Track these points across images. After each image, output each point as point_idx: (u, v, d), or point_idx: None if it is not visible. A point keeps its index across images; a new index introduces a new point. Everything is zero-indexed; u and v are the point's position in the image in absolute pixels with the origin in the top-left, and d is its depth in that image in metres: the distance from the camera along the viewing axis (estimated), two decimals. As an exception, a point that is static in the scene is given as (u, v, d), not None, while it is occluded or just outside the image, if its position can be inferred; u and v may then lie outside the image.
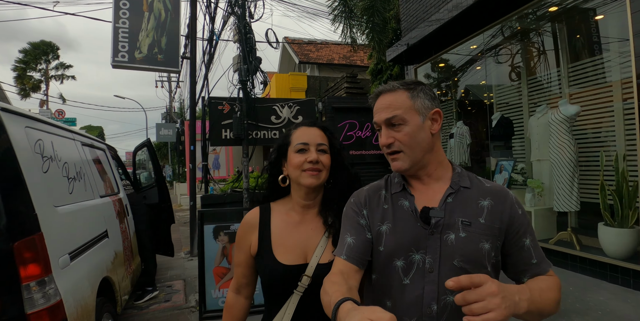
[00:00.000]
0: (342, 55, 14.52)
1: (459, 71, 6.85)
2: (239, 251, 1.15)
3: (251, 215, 1.16)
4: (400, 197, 0.95)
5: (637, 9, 3.29)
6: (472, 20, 5.04)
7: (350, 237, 0.92)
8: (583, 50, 5.22)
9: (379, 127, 0.95)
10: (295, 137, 1.11)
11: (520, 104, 5.76)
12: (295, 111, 6.09)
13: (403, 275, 0.87)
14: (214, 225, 3.26)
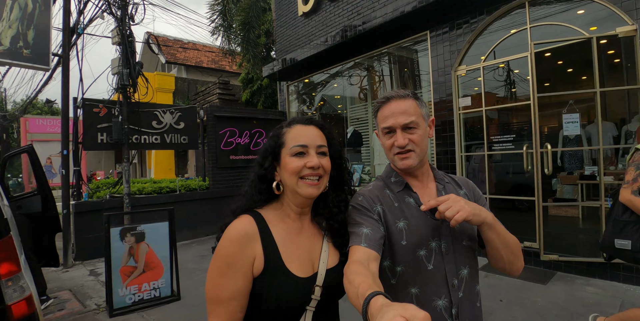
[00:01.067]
0: (211, 58, 14.57)
1: (322, 89, 8.25)
2: (234, 277, 0.86)
3: (245, 223, 0.92)
4: (405, 194, 1.06)
5: (435, 54, 5.00)
6: (335, 55, 6.36)
7: (365, 227, 0.95)
8: (409, 80, 7.23)
9: (391, 130, 1.03)
10: (290, 137, 0.95)
11: (367, 120, 7.46)
12: (177, 117, 6.32)
13: (427, 262, 0.98)
14: (120, 228, 3.49)
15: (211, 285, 0.88)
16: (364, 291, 0.68)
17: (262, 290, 0.89)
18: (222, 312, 0.87)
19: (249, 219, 0.93)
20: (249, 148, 7.08)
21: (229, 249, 0.88)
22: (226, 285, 0.86)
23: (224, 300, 0.86)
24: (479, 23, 4.48)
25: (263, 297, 0.88)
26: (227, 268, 0.87)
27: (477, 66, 4.58)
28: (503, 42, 4.40)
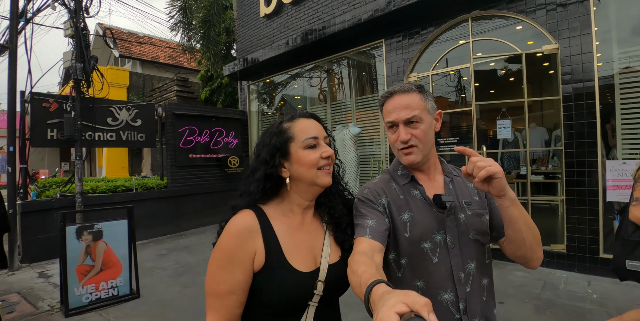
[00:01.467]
0: (168, 54, 14.14)
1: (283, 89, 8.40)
2: (234, 271, 0.87)
3: (247, 219, 0.92)
4: (411, 187, 1.06)
5: (389, 61, 5.36)
6: (296, 57, 6.54)
7: (370, 220, 0.95)
8: (366, 83, 7.58)
9: (394, 124, 1.03)
10: (299, 131, 0.95)
11: (326, 121, 7.73)
12: (134, 114, 6.18)
13: (432, 254, 0.97)
14: (76, 226, 3.44)
15: (210, 279, 0.89)
16: (366, 280, 0.68)
17: (263, 284, 0.88)
18: (220, 306, 0.87)
19: (250, 214, 0.93)
20: (209, 147, 7.07)
21: (229, 243, 0.88)
22: (225, 279, 0.86)
23: (223, 294, 0.87)
24: (429, 34, 4.88)
25: (264, 292, 0.88)
26: (226, 262, 0.87)
27: (427, 74, 4.99)
28: (452, 51, 4.83)
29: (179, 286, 3.82)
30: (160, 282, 3.98)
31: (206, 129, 7.02)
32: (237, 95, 10.36)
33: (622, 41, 4.38)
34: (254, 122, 7.98)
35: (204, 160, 6.94)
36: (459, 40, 4.75)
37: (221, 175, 7.23)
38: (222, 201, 7.24)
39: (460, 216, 1.01)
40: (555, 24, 3.88)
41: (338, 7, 5.83)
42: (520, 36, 4.34)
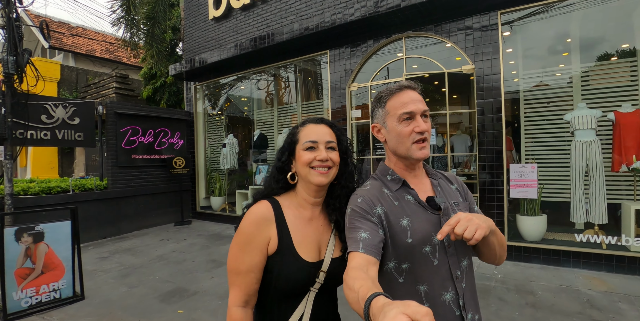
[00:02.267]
0: (105, 47, 13.31)
1: (230, 91, 8.48)
2: (252, 253, 1.01)
3: (264, 208, 1.05)
4: (403, 192, 1.06)
5: (333, 71, 5.78)
6: (244, 61, 6.71)
7: (364, 232, 0.94)
8: (312, 88, 7.96)
9: (411, 116, 1.02)
10: (303, 135, 1.09)
11: (272, 123, 7.97)
12: (71, 112, 5.91)
13: (432, 257, 0.97)
14: (16, 228, 3.34)
15: (232, 259, 1.03)
16: (364, 294, 0.68)
17: (274, 267, 1.02)
18: (241, 282, 1.01)
19: (267, 204, 1.06)
20: (153, 147, 6.96)
21: (248, 229, 1.02)
22: (244, 259, 1.00)
23: (242, 272, 1.01)
24: (369, 48, 5.37)
25: (274, 274, 1.02)
26: (245, 245, 1.01)
27: (367, 84, 5.49)
28: (389, 64, 5.36)
29: (125, 287, 3.85)
30: (105, 284, 3.96)
31: (150, 129, 6.90)
32: (182, 95, 10.18)
33: (528, 63, 5.25)
34: (201, 122, 7.97)
35: (147, 161, 6.82)
36: (395, 54, 5.31)
37: (166, 176, 7.15)
38: (166, 202, 7.16)
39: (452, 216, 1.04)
40: (472, 48, 4.55)
41: (286, 17, 6.14)
42: (446, 54, 4.99)
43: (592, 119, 4.18)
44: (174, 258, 4.83)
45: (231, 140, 7.53)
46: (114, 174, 6.34)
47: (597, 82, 4.74)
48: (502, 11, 4.33)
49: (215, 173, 7.77)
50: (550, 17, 4.53)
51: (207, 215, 7.49)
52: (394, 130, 1.04)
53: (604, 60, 4.81)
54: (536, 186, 4.28)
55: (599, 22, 4.74)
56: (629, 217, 3.90)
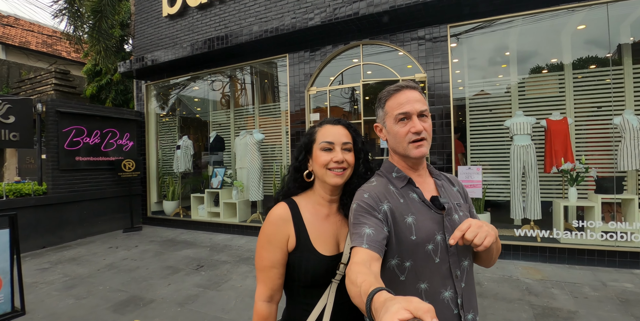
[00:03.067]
0: (42, 40, 12.19)
1: (183, 91, 8.20)
2: (273, 251, 1.09)
3: (281, 209, 1.12)
4: (408, 190, 1.07)
5: (292, 74, 5.84)
6: (200, 62, 6.55)
7: (368, 228, 0.95)
8: (268, 90, 7.94)
9: (407, 116, 1.03)
10: (320, 135, 1.13)
11: (229, 125, 7.84)
12: (5, 109, 5.41)
13: (434, 255, 0.99)
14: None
15: (257, 257, 1.12)
16: (366, 289, 0.69)
17: (294, 262, 1.09)
18: (265, 277, 1.10)
19: (284, 206, 1.14)
20: (100, 149, 6.54)
21: (268, 229, 1.11)
22: (267, 257, 1.09)
23: (266, 268, 1.09)
24: (328, 53, 5.51)
25: (295, 269, 1.09)
26: (267, 243, 1.10)
27: (325, 89, 5.62)
28: (347, 70, 5.53)
29: (72, 299, 3.59)
30: (48, 297, 3.67)
31: (97, 130, 6.48)
32: (130, 94, 9.66)
33: (472, 73, 5.69)
34: (152, 123, 7.62)
35: (93, 164, 6.40)
36: (353, 60, 5.50)
37: (114, 179, 6.74)
38: (114, 207, 6.75)
39: (454, 217, 1.06)
40: (424, 57, 4.85)
41: (245, 19, 6.10)
42: (400, 62, 5.26)
43: (528, 126, 4.65)
44: (125, 266, 4.59)
45: (186, 142, 7.29)
46: (55, 178, 5.86)
47: (532, 92, 5.28)
48: (451, 25, 4.67)
49: (168, 177, 7.47)
50: (492, 32, 4.97)
51: (160, 220, 7.17)
52: (392, 131, 1.07)
53: (537, 73, 5.36)
54: (481, 186, 4.65)
55: (533, 38, 5.28)
56: (559, 212, 4.38)
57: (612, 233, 4.01)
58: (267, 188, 6.76)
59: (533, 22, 4.67)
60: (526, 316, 2.92)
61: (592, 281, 3.62)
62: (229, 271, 4.27)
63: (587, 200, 4.48)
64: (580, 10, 4.31)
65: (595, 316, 2.87)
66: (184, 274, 4.22)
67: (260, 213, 6.39)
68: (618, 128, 4.34)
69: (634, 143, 4.16)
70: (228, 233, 6.26)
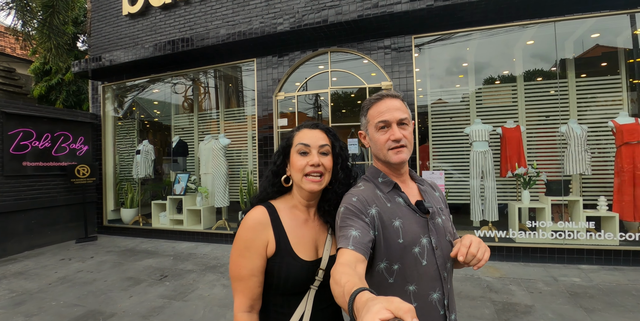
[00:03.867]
0: (-20, 35, 11.16)
1: (143, 94, 7.87)
2: (252, 258, 1.03)
3: (260, 214, 1.07)
4: (394, 194, 1.09)
5: (260, 79, 5.79)
6: (163, 64, 6.32)
7: (355, 230, 0.96)
8: (232, 95, 7.82)
9: (387, 124, 1.07)
10: (297, 138, 1.11)
11: (192, 129, 7.62)
12: (-61, 110, 4.90)
13: (420, 257, 1.01)
14: None
15: (234, 265, 1.04)
16: (349, 289, 0.69)
17: (274, 269, 1.04)
18: (244, 287, 1.03)
19: (262, 209, 1.08)
20: (51, 153, 6.10)
21: (246, 235, 1.03)
22: (245, 264, 1.02)
23: (245, 277, 1.02)
24: (296, 59, 5.54)
25: (275, 275, 1.04)
26: (245, 250, 1.03)
27: (293, 94, 5.64)
28: (315, 76, 5.59)
29: (21, 316, 3.30)
30: (-9, 315, 3.34)
31: (47, 133, 6.04)
32: (83, 95, 9.12)
33: (434, 82, 5.98)
34: (109, 126, 7.23)
35: (42, 169, 5.94)
36: (322, 66, 5.57)
37: (66, 186, 6.29)
38: (66, 216, 6.29)
39: (438, 220, 1.09)
40: (390, 66, 5.03)
41: (212, 21, 5.99)
42: (367, 69, 5.41)
43: (486, 133, 4.95)
44: (80, 279, 4.29)
45: (146, 147, 6.98)
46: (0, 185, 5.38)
47: (488, 101, 5.63)
48: (415, 36, 4.89)
49: (126, 183, 7.09)
50: (451, 44, 5.27)
51: (117, 229, 6.78)
52: (374, 138, 1.11)
53: (492, 83, 5.74)
54: (444, 190, 4.87)
55: (489, 51, 5.66)
56: (514, 214, 4.69)
57: (561, 232, 4.36)
58: (233, 194, 6.63)
59: (488, 36, 5.01)
60: (488, 312, 3.09)
61: (544, 277, 3.90)
62: (195, 281, 4.12)
63: (538, 202, 4.84)
64: (531, 27, 4.69)
65: (549, 309, 3.10)
66: (146, 285, 4.02)
67: (226, 219, 6.24)
68: (564, 136, 4.74)
69: (578, 150, 4.57)
70: (192, 241, 6.05)
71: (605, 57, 5.39)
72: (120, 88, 7.44)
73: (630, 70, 5.20)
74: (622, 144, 4.37)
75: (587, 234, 4.34)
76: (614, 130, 4.47)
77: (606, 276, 3.85)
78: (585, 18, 4.40)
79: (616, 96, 5.10)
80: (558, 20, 4.42)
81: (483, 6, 4.35)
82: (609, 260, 4.17)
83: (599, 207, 4.45)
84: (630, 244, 4.20)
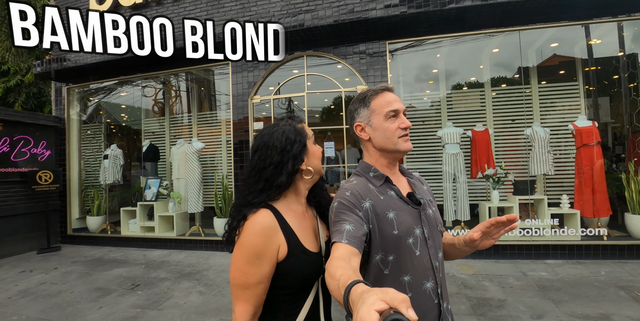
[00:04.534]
0: None
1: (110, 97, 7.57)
2: (261, 265, 0.99)
3: (267, 218, 1.03)
4: (386, 188, 1.12)
5: (235, 82, 5.73)
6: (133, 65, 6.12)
7: (349, 224, 0.97)
8: (205, 98, 7.69)
9: (396, 114, 1.12)
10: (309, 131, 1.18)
11: (164, 134, 7.40)
12: None
13: (414, 248, 1.05)
14: None
15: (238, 274, 0.99)
16: (344, 282, 0.70)
17: (288, 270, 1.01)
18: (249, 295, 0.98)
19: (268, 213, 1.04)
20: (9, 158, 5.73)
21: (256, 241, 0.98)
22: (254, 272, 0.97)
23: (252, 285, 0.98)
24: (272, 63, 5.53)
25: (289, 275, 1.02)
26: (254, 258, 0.97)
27: (269, 98, 5.62)
28: (291, 79, 5.60)
29: (-23, 333, 3.06)
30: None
31: (5, 137, 5.68)
32: (45, 98, 8.66)
33: (406, 86, 6.15)
34: (74, 130, 6.88)
35: (0, 176, 5.57)
36: (298, 70, 5.60)
37: (26, 193, 5.92)
38: (27, 226, 5.91)
39: (428, 211, 1.13)
40: (365, 71, 5.13)
41: (184, 23, 5.87)
42: (342, 74, 5.49)
43: (457, 136, 5.14)
44: (44, 291, 4.03)
45: (115, 152, 6.70)
46: (-51, 193, 4.98)
47: (458, 106, 5.86)
48: (390, 41, 5.03)
49: (93, 189, 6.76)
50: (423, 51, 5.46)
51: (83, 238, 6.44)
52: (381, 127, 1.11)
53: (461, 89, 5.98)
54: (418, 191, 4.99)
55: (458, 58, 5.90)
56: (484, 213, 4.88)
57: (528, 229, 4.58)
58: (208, 199, 6.48)
59: (457, 43, 5.23)
60: (464, 307, 3.19)
61: (515, 272, 4.08)
62: (169, 289, 3.98)
63: (507, 201, 5.07)
64: (496, 35, 4.95)
65: (520, 302, 3.24)
66: (117, 295, 3.84)
67: (200, 225, 6.08)
68: (529, 138, 5.01)
69: (542, 151, 4.84)
70: (165, 249, 5.84)
71: (562, 65, 5.78)
72: (86, 90, 7.13)
73: (586, 77, 5.60)
74: (581, 146, 4.68)
75: (552, 231, 4.59)
76: (574, 132, 4.77)
77: (570, 269, 4.08)
78: (546, 28, 4.70)
79: (575, 101, 5.46)
80: (522, 29, 4.69)
81: (453, 14, 4.55)
82: (572, 254, 4.42)
83: (561, 204, 4.72)
84: (590, 239, 4.48)
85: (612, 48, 5.37)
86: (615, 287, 3.50)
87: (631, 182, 4.44)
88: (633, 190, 4.42)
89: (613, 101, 5.94)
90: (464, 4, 4.38)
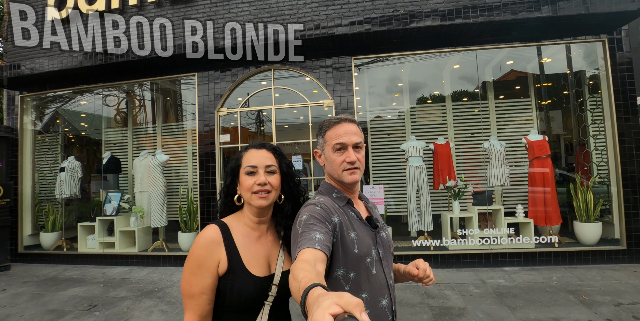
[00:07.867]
0: None
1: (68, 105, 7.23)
2: (203, 276, 1.05)
3: (213, 232, 1.10)
4: (348, 209, 1.18)
5: (202, 94, 5.66)
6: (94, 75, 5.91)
7: (319, 234, 0.99)
8: (170, 108, 7.52)
9: (343, 147, 1.15)
10: (245, 160, 1.17)
11: (126, 145, 7.15)
12: None
13: (371, 267, 1.11)
14: None
15: (185, 283, 1.07)
16: (304, 284, 0.71)
17: (226, 286, 1.07)
18: (194, 304, 1.05)
19: (215, 227, 1.11)
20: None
21: (198, 252, 1.06)
22: (197, 282, 1.05)
23: (196, 294, 1.04)
24: (239, 75, 5.53)
25: (228, 293, 1.07)
26: (197, 268, 1.05)
27: (236, 110, 5.60)
28: (258, 92, 5.61)
29: None
30: None
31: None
32: (-4, 106, 8.14)
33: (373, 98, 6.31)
34: (28, 141, 6.51)
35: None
36: (265, 82, 5.62)
37: (-29, 209, 5.51)
38: (-30, 244, 5.48)
39: (382, 234, 1.21)
40: (332, 85, 5.24)
41: (149, 33, 5.77)
42: (308, 87, 5.57)
43: (420, 149, 5.33)
44: (-12, 315, 3.75)
45: (72, 164, 6.39)
46: None
47: (421, 119, 6.09)
48: (355, 57, 5.18)
49: (47, 204, 6.39)
50: (388, 66, 5.66)
51: (35, 256, 6.05)
52: (330, 158, 1.18)
53: (424, 103, 6.23)
54: (383, 203, 5.12)
55: (421, 72, 6.15)
56: (446, 223, 5.07)
57: (487, 238, 4.80)
58: (172, 212, 6.29)
59: (421, 59, 5.47)
60: (427, 317, 3.28)
61: (474, 280, 4.24)
62: (129, 308, 3.82)
63: (467, 211, 5.28)
64: (457, 53, 5.22)
65: (479, 309, 3.37)
66: (72, 317, 3.64)
67: (164, 240, 5.89)
68: (486, 151, 5.28)
69: (498, 164, 5.11)
70: (125, 265, 5.60)
71: (518, 81, 6.16)
72: (42, 98, 6.79)
73: (538, 93, 6.00)
74: (533, 158, 4.99)
75: (509, 239, 4.83)
76: (527, 146, 5.09)
77: (525, 276, 4.30)
78: (500, 48, 5.03)
79: (528, 116, 5.83)
80: (478, 49, 4.98)
81: (415, 33, 4.77)
82: (527, 261, 4.66)
83: (517, 214, 4.99)
84: (543, 246, 4.76)
85: (561, 66, 5.81)
86: (565, 292, 3.73)
87: (578, 192, 4.78)
88: (580, 199, 4.76)
89: (564, 116, 6.38)
90: (425, 24, 4.61)
